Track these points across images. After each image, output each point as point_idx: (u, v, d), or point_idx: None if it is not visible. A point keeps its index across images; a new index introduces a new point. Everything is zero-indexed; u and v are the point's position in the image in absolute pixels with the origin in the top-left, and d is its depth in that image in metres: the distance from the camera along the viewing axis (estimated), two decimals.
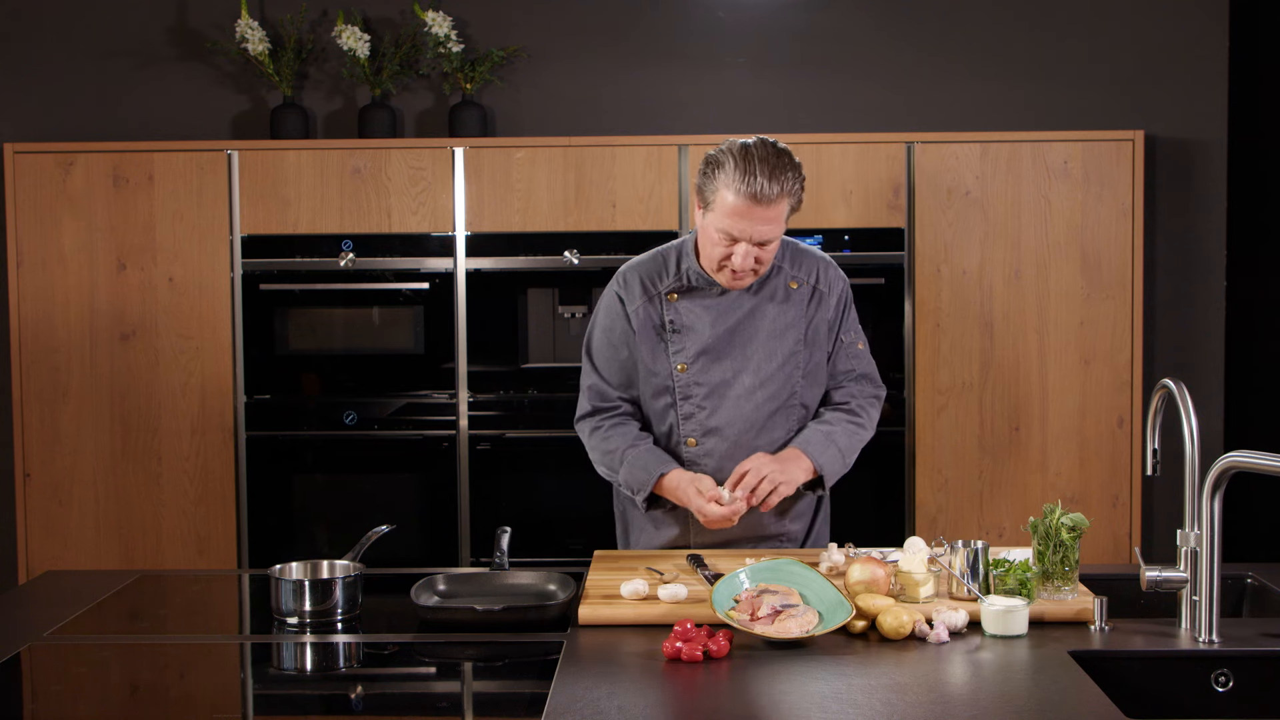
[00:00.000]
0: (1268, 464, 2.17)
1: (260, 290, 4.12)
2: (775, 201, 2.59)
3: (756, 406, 2.77)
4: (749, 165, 2.57)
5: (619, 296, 2.82)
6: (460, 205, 4.10)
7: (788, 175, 2.60)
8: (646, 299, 2.79)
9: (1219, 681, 2.21)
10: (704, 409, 2.78)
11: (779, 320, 2.78)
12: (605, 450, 2.81)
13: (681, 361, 2.77)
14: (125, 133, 4.39)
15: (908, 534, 4.12)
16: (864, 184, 4.09)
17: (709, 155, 2.65)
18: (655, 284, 2.79)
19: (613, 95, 4.42)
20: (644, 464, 2.75)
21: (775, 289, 2.79)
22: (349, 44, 4.21)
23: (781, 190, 2.59)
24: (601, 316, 2.86)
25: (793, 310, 2.79)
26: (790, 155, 2.64)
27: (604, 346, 2.84)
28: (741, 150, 2.60)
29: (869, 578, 2.38)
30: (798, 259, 2.83)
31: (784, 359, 2.78)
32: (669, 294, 2.78)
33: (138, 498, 4.16)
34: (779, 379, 2.78)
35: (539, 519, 4.14)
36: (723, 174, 2.60)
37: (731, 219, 2.60)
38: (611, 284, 2.85)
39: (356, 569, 2.53)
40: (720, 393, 2.77)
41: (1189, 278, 4.37)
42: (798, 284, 2.80)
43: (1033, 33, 4.38)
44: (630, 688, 2.05)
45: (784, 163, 2.60)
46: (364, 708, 2.15)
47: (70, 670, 2.24)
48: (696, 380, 2.77)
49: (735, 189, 2.58)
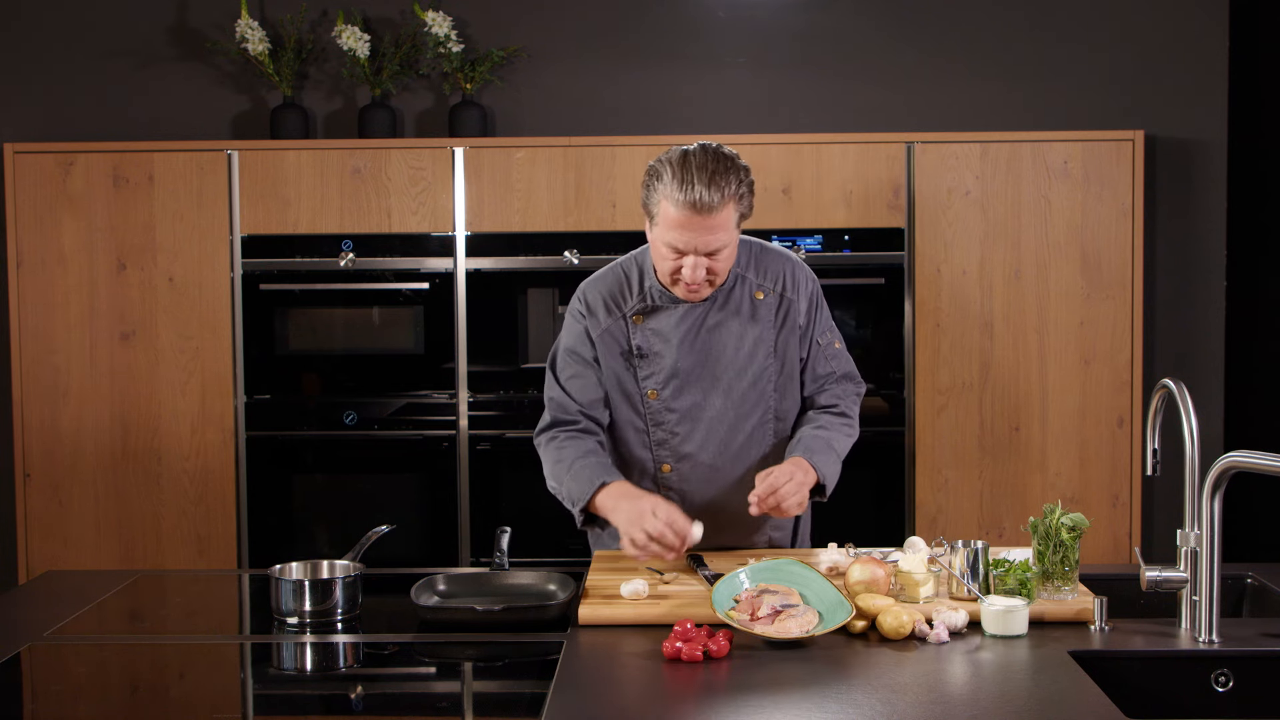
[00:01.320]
0: (1268, 464, 2.17)
1: (260, 290, 4.12)
2: (718, 209, 2.48)
3: (730, 427, 2.71)
4: (686, 174, 2.46)
5: (583, 318, 2.71)
6: (460, 205, 4.10)
7: (729, 180, 2.48)
8: (612, 321, 2.70)
9: (1219, 681, 2.22)
10: (676, 434, 2.71)
11: (747, 336, 2.69)
12: (555, 460, 2.67)
13: (651, 388, 2.69)
14: (125, 133, 4.39)
15: (908, 534, 4.12)
16: (864, 184, 4.09)
17: (649, 165, 2.56)
18: (620, 305, 2.70)
19: (613, 95, 4.42)
20: (588, 476, 2.60)
21: (740, 302, 2.69)
22: (349, 44, 4.21)
23: (723, 197, 2.47)
24: (565, 336, 2.75)
25: (760, 323, 2.70)
26: (733, 159, 2.52)
27: (568, 364, 2.73)
28: (680, 158, 2.50)
29: (869, 578, 2.38)
30: (762, 264, 2.72)
31: (755, 376, 2.70)
32: (634, 315, 2.69)
33: (138, 498, 4.16)
34: (751, 397, 2.71)
35: (539, 519, 4.12)
36: (661, 185, 2.50)
37: (675, 231, 2.50)
38: (574, 304, 2.74)
39: (356, 569, 2.53)
40: (693, 417, 2.70)
41: (1189, 278, 4.38)
42: (764, 293, 2.70)
43: (1033, 33, 4.38)
44: (630, 688, 2.05)
45: (724, 167, 2.49)
46: (364, 708, 2.15)
47: (70, 670, 2.24)
48: (668, 406, 2.70)
49: (674, 199, 2.47)
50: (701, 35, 4.42)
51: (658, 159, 2.55)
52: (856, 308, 4.13)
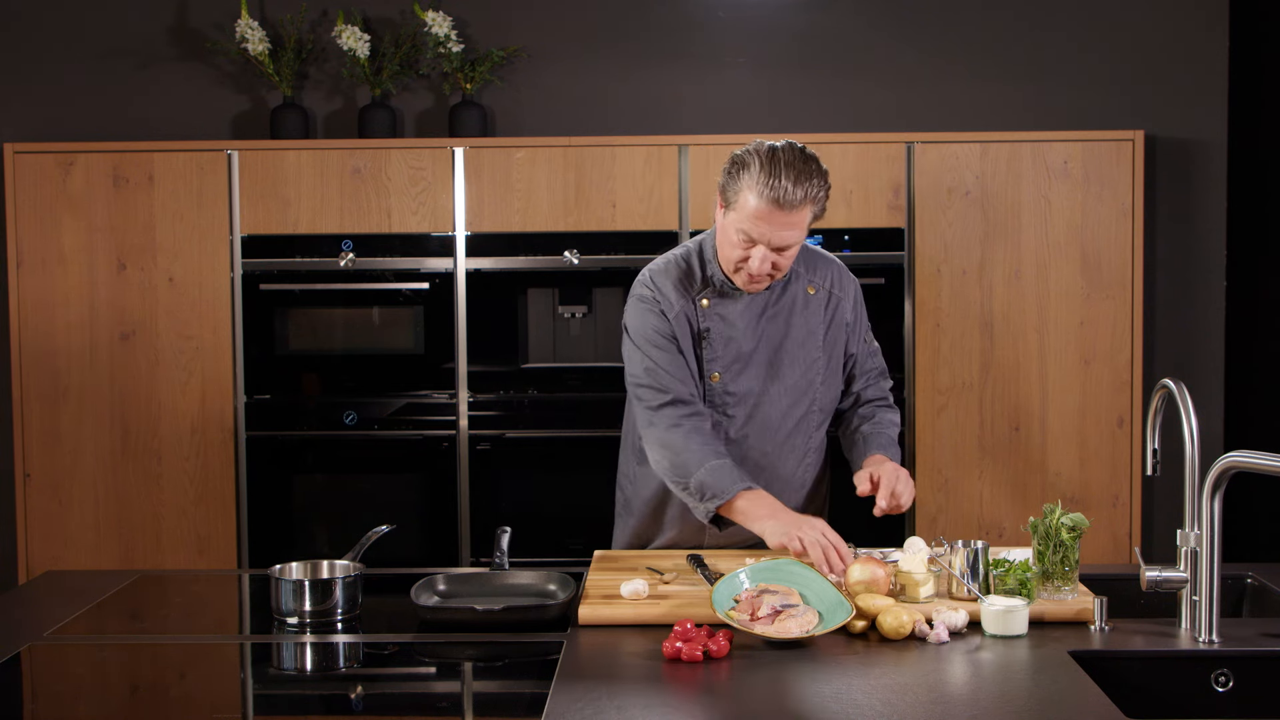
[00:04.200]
0: (1268, 464, 2.17)
1: (260, 290, 4.12)
2: (799, 207, 2.54)
3: (782, 414, 2.76)
4: (775, 169, 2.53)
5: (657, 303, 2.72)
6: (460, 205, 4.10)
7: (813, 182, 2.55)
8: (685, 304, 2.72)
9: (1219, 681, 2.21)
10: (733, 418, 2.75)
11: (802, 328, 2.77)
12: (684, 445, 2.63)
13: (715, 371, 2.74)
14: (125, 133, 4.39)
15: (908, 534, 4.12)
16: (864, 184, 4.09)
17: (735, 155, 2.61)
18: (688, 289, 2.73)
19: (613, 95, 4.42)
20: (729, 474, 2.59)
21: (796, 295, 2.77)
22: (349, 44, 4.21)
23: (805, 196, 2.54)
24: (641, 321, 2.73)
25: (813, 317, 2.78)
26: (817, 162, 2.59)
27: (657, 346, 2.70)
28: (769, 153, 2.57)
29: (869, 578, 2.38)
30: (812, 263, 2.82)
31: (806, 366, 2.77)
32: (702, 299, 2.73)
33: (138, 498, 4.16)
34: (802, 386, 2.77)
35: (539, 519, 4.14)
36: (747, 175, 2.56)
37: (753, 222, 2.56)
38: (641, 290, 2.74)
39: (356, 569, 2.53)
40: (750, 402, 2.75)
41: (1189, 278, 4.38)
42: (815, 289, 2.79)
43: (1033, 33, 4.38)
44: (630, 688, 2.05)
45: (810, 169, 2.56)
46: (364, 708, 2.15)
47: (70, 670, 2.24)
48: (728, 389, 2.74)
49: (759, 192, 2.53)
50: (701, 35, 4.42)
51: (744, 149, 2.61)
52: None
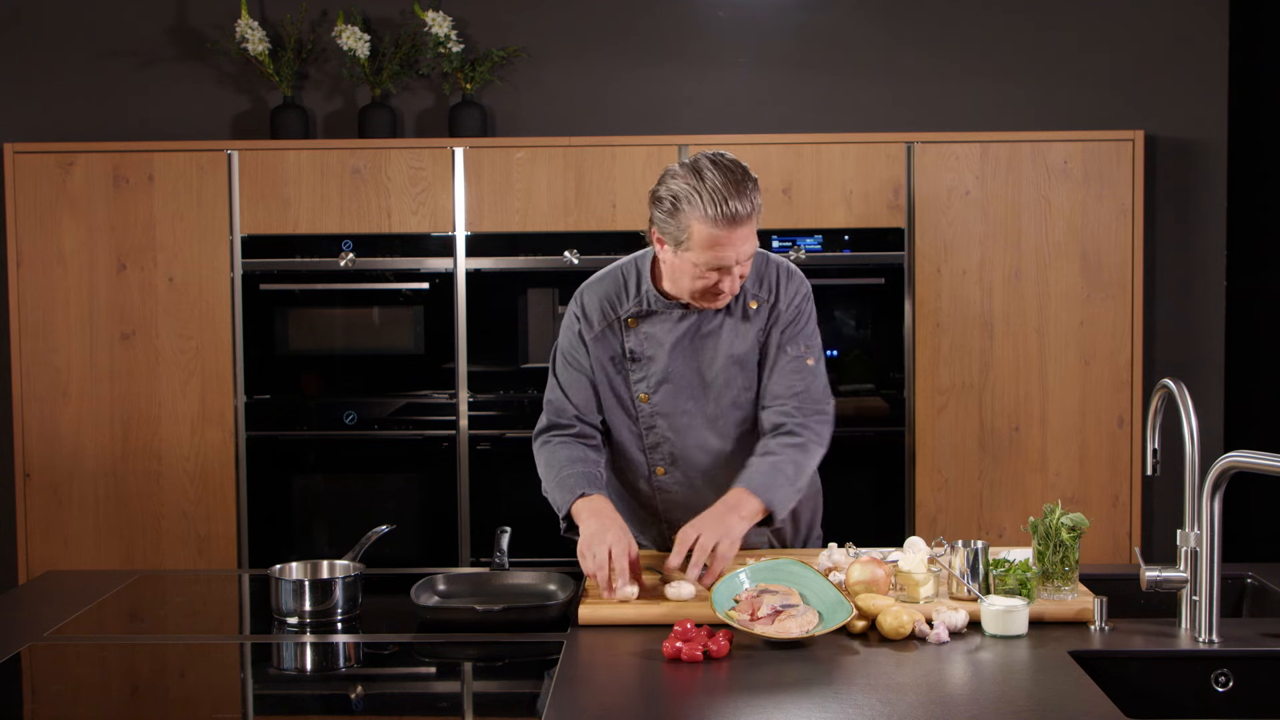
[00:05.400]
0: (1268, 464, 2.17)
1: (260, 290, 4.12)
2: (749, 218, 2.48)
3: (721, 433, 2.71)
4: (715, 193, 2.44)
5: (578, 320, 2.72)
6: (460, 205, 4.10)
7: (749, 185, 2.48)
8: (605, 325, 2.70)
9: (1219, 681, 2.21)
10: (668, 438, 2.72)
11: (738, 344, 2.68)
12: (546, 464, 2.70)
13: (643, 391, 2.70)
14: (125, 133, 4.39)
15: (908, 534, 4.12)
16: (864, 184, 4.09)
17: (662, 194, 2.50)
18: (615, 308, 2.69)
19: (613, 95, 4.42)
20: (571, 484, 2.62)
21: (735, 310, 2.68)
22: (349, 44, 4.21)
23: (752, 204, 2.48)
24: (563, 338, 2.76)
25: (752, 331, 2.68)
26: (738, 161, 2.50)
27: (565, 367, 2.75)
28: (697, 177, 2.46)
29: (869, 578, 2.38)
30: (757, 273, 2.69)
31: (747, 383, 2.69)
32: (628, 319, 2.69)
33: (138, 498, 4.16)
34: (742, 402, 2.70)
35: (539, 519, 4.10)
36: (689, 208, 2.46)
37: (713, 250, 2.47)
38: (572, 304, 2.75)
39: (356, 569, 2.53)
40: (684, 421, 2.70)
41: (1189, 278, 4.38)
42: (757, 303, 2.68)
43: (1032, 33, 4.38)
44: (630, 688, 2.05)
45: (740, 174, 2.48)
46: (364, 708, 2.15)
47: (70, 670, 2.24)
48: (659, 410, 2.70)
49: (711, 220, 2.44)
50: (701, 35, 4.42)
51: (667, 186, 2.50)
52: (856, 308, 4.13)
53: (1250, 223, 4.34)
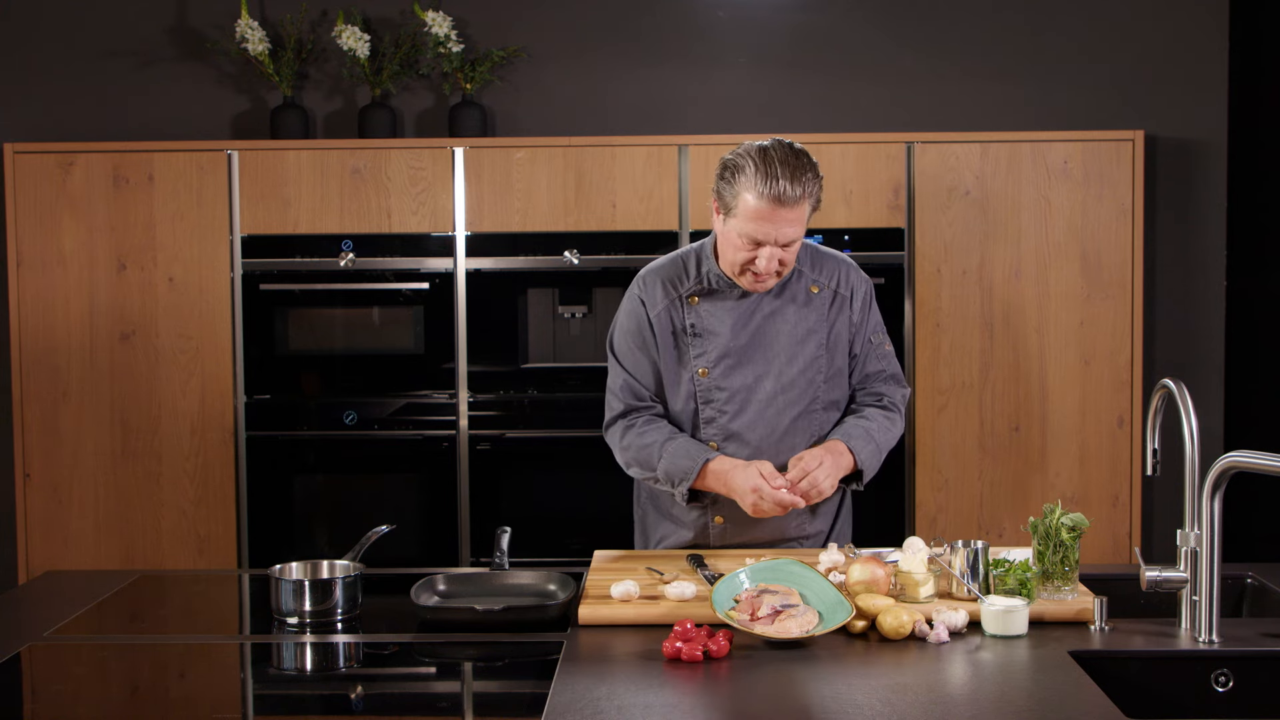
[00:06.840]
0: (1268, 464, 2.17)
1: (260, 290, 4.12)
2: (798, 203, 2.60)
3: (779, 411, 2.77)
4: (769, 168, 2.58)
5: (641, 300, 2.80)
6: (460, 205, 4.10)
7: (808, 175, 2.61)
8: (669, 302, 2.78)
9: (1219, 681, 2.22)
10: (725, 413, 2.76)
11: (800, 325, 2.78)
12: (641, 445, 2.75)
13: (703, 366, 2.76)
14: (125, 133, 4.39)
15: (908, 534, 4.12)
16: (864, 184, 4.09)
17: (726, 160, 2.65)
18: (676, 286, 2.78)
19: (613, 95, 4.42)
20: (686, 452, 2.70)
21: (796, 293, 2.79)
22: (349, 44, 4.21)
23: (803, 191, 2.60)
24: (624, 319, 2.83)
25: (814, 314, 2.79)
26: (808, 155, 2.65)
27: (630, 349, 2.81)
28: (760, 153, 2.61)
29: (869, 578, 2.38)
30: (818, 262, 2.83)
31: (806, 364, 2.78)
32: (690, 297, 2.77)
33: (138, 498, 4.16)
34: (800, 384, 2.77)
35: (539, 519, 4.14)
36: (743, 178, 2.60)
37: (755, 223, 2.60)
38: (632, 287, 2.83)
39: (356, 569, 2.53)
40: (742, 397, 2.76)
41: (1189, 278, 4.38)
42: (819, 288, 2.80)
43: (1033, 33, 4.38)
44: (630, 688, 2.05)
45: (803, 163, 2.62)
46: (364, 708, 2.15)
47: (70, 670, 2.24)
48: (718, 385, 2.76)
49: (758, 192, 2.58)
50: (701, 35, 4.42)
51: (734, 153, 2.65)
52: None
53: (1250, 223, 4.34)
